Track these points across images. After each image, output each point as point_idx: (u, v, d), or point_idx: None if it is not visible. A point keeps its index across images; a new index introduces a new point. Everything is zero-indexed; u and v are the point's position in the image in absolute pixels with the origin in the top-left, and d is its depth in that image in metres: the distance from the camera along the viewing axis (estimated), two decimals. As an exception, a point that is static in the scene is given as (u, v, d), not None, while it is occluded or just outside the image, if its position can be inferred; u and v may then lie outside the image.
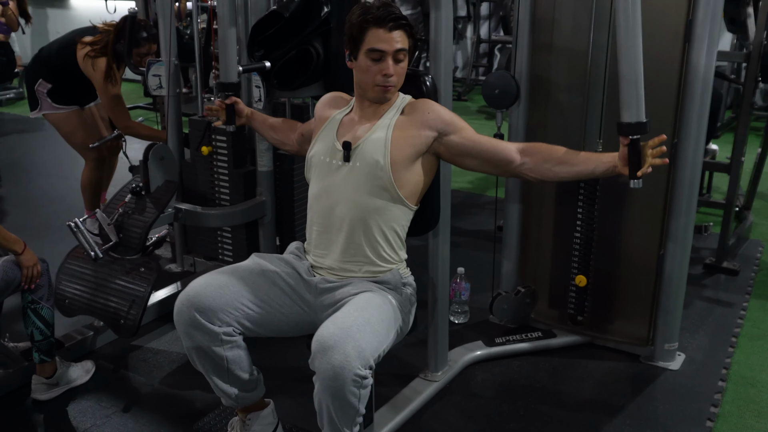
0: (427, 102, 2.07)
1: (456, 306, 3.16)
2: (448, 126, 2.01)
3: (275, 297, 2.00)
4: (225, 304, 1.93)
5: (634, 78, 1.78)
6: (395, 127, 2.00)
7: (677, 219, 2.62)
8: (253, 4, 2.94)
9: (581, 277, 2.86)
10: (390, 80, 1.98)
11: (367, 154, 1.98)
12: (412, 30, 1.99)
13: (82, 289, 2.89)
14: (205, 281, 1.95)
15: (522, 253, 3.05)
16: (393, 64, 1.96)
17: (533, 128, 2.86)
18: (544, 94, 2.80)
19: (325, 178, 2.04)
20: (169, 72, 3.29)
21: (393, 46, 1.94)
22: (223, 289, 1.94)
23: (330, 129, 2.09)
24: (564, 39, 2.69)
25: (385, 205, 1.99)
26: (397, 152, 1.98)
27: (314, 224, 2.07)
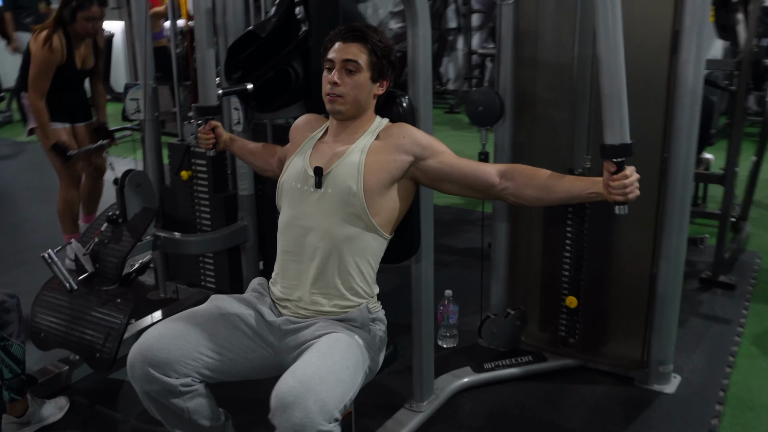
0: (403, 126, 1.99)
1: (444, 330, 3.07)
2: (424, 150, 1.93)
3: (237, 342, 1.89)
4: (181, 355, 1.81)
5: (617, 95, 1.68)
6: (369, 152, 1.92)
7: (669, 237, 2.53)
8: (229, 24, 2.86)
9: (572, 298, 2.77)
10: (336, 89, 1.91)
11: (339, 179, 1.89)
12: (378, 47, 1.92)
13: (58, 322, 2.79)
14: (159, 332, 1.84)
15: (511, 274, 2.96)
16: (343, 74, 1.91)
17: (520, 145, 2.78)
18: (530, 109, 2.72)
19: (295, 206, 1.95)
20: (146, 95, 3.21)
21: (342, 55, 1.91)
22: (179, 339, 1.82)
23: (302, 153, 2.01)
24: (548, 53, 2.62)
25: (358, 234, 1.89)
26: (371, 178, 1.89)
27: (284, 253, 1.98)
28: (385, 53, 1.94)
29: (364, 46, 1.92)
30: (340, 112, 1.95)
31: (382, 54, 1.93)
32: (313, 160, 1.96)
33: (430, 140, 1.96)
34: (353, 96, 1.93)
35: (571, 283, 2.77)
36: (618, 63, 1.66)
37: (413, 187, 1.99)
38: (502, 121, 2.73)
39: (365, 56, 1.92)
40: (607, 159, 1.71)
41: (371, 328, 1.92)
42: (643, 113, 2.45)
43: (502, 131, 2.77)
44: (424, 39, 2.14)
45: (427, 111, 2.21)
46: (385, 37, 1.96)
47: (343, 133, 1.98)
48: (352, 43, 1.92)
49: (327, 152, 1.96)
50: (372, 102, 1.99)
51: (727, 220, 3.63)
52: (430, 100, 2.23)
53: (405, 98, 2.05)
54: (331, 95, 1.93)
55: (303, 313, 1.92)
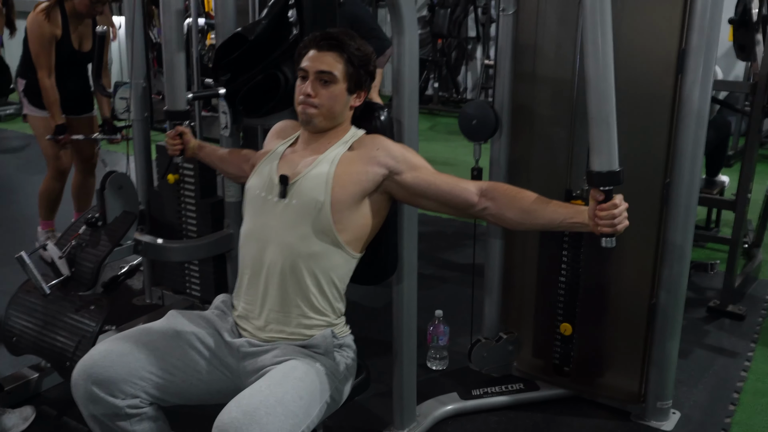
0: (378, 137, 1.87)
1: (433, 351, 2.93)
2: (399, 164, 1.81)
3: (191, 362, 1.77)
4: (128, 373, 1.69)
5: (605, 119, 1.55)
6: (340, 163, 1.80)
7: (670, 266, 2.38)
8: (219, 25, 2.75)
9: (566, 324, 2.62)
10: (309, 101, 1.80)
11: (305, 190, 1.77)
12: (355, 56, 1.81)
13: (31, 326, 2.70)
14: (106, 348, 1.72)
15: (505, 296, 2.82)
16: (317, 85, 1.80)
17: (516, 162, 2.64)
18: (528, 125, 2.58)
19: (258, 215, 1.84)
20: (135, 94, 3.11)
21: (316, 65, 1.80)
22: (126, 357, 1.70)
23: (270, 160, 1.90)
24: (547, 67, 2.48)
25: (323, 251, 1.77)
26: (340, 190, 1.77)
27: (244, 268, 1.87)
28: (363, 63, 1.82)
29: (340, 55, 1.80)
30: (313, 125, 1.84)
31: (359, 63, 1.81)
32: (281, 167, 1.85)
33: (406, 153, 1.84)
34: (327, 108, 1.82)
35: (567, 309, 2.63)
36: (607, 83, 1.52)
37: (387, 202, 1.87)
38: (498, 136, 2.60)
39: (341, 66, 1.80)
40: (594, 187, 1.57)
41: (336, 356, 1.79)
42: (645, 135, 2.31)
43: (498, 146, 2.64)
44: (410, 47, 2.02)
45: (411, 123, 2.08)
46: (364, 45, 1.84)
47: (314, 142, 1.87)
48: (327, 52, 1.81)
49: (296, 161, 1.85)
50: (348, 113, 1.88)
51: (738, 246, 3.46)
52: (416, 112, 2.10)
53: (383, 111, 1.92)
54: (303, 107, 1.81)
55: (263, 336, 1.81)
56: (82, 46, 3.71)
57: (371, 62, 1.84)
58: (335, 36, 1.81)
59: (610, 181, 1.56)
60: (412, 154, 1.84)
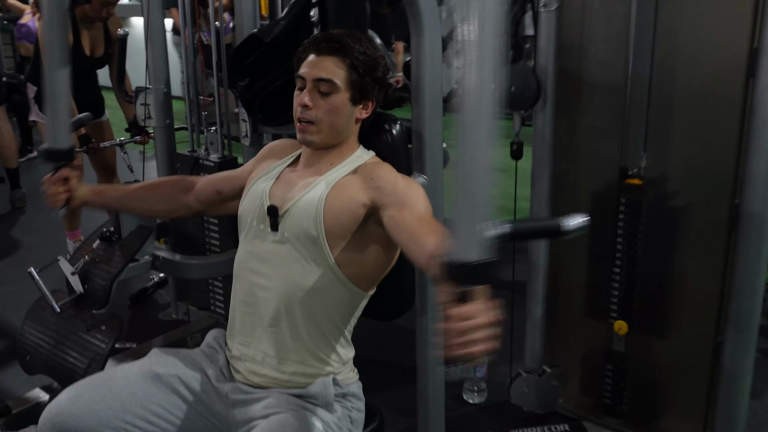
0: (382, 165, 1.61)
1: (470, 383, 2.66)
2: (385, 197, 1.52)
3: (174, 409, 1.56)
4: (98, 423, 1.49)
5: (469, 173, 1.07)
6: (335, 187, 1.56)
7: (739, 300, 2.05)
8: (238, 25, 2.55)
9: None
10: (307, 113, 1.56)
11: (296, 220, 1.54)
12: (359, 61, 1.56)
13: (44, 344, 2.57)
14: (74, 394, 1.53)
15: (549, 325, 2.52)
16: (316, 95, 1.56)
17: (562, 136, 2.33)
18: (575, 93, 2.28)
19: (251, 245, 1.62)
20: (157, 100, 2.95)
21: (314, 72, 1.56)
22: (97, 404, 1.51)
23: (262, 183, 1.66)
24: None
25: (323, 287, 1.53)
26: (332, 219, 1.53)
27: (237, 302, 1.64)
28: (369, 68, 1.57)
29: (342, 60, 1.56)
30: (312, 143, 1.60)
31: (365, 70, 1.57)
32: (273, 192, 1.61)
33: (401, 188, 1.53)
34: (328, 122, 1.57)
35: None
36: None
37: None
38: (542, 106, 2.30)
39: (343, 73, 1.56)
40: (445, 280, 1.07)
41: (337, 407, 1.55)
42: (709, 149, 2.00)
43: (542, 118, 2.32)
44: (430, 50, 1.76)
45: (434, 137, 1.82)
46: (371, 47, 1.60)
47: (316, 162, 1.63)
48: (327, 57, 1.56)
49: (292, 183, 1.62)
50: (353, 128, 1.63)
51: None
52: (439, 124, 1.84)
53: (396, 123, 1.66)
54: (302, 121, 1.58)
55: (256, 381, 1.58)
56: (95, 52, 3.62)
57: (379, 67, 1.60)
58: (337, 38, 1.57)
59: (467, 276, 1.03)
60: (411, 190, 1.54)
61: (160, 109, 2.94)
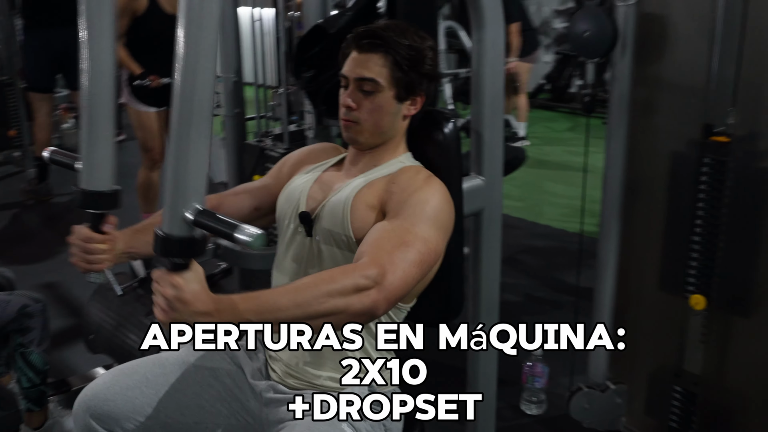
0: (409, 171, 1.50)
1: (528, 393, 2.56)
2: (393, 204, 1.42)
3: (208, 404, 1.54)
4: (132, 410, 1.49)
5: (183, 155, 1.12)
6: (367, 187, 1.48)
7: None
8: (305, 15, 2.51)
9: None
10: (351, 115, 1.49)
11: (326, 223, 1.48)
12: (403, 57, 1.47)
13: (106, 325, 2.63)
14: (110, 379, 1.53)
15: (615, 339, 2.38)
16: (359, 95, 1.49)
17: (637, 90, 2.14)
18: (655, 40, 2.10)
19: (289, 247, 1.56)
20: (227, 90, 2.95)
21: (356, 70, 1.49)
22: (132, 391, 1.50)
23: (300, 184, 1.59)
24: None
25: None
26: (360, 222, 1.44)
27: None
28: (415, 63, 1.49)
29: (384, 56, 1.47)
30: (357, 141, 1.54)
31: (409, 65, 1.48)
32: (313, 191, 1.55)
33: (412, 198, 1.41)
34: (372, 122, 1.50)
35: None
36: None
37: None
38: (621, 54, 2.10)
39: (386, 71, 1.48)
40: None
41: (371, 417, 1.48)
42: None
43: (620, 69, 2.12)
44: (493, 44, 1.67)
45: (493, 138, 1.73)
46: (418, 38, 1.50)
47: (359, 162, 1.57)
48: (369, 54, 1.48)
49: (331, 182, 1.56)
50: (400, 125, 1.55)
51: None
52: (500, 124, 1.75)
53: (449, 121, 1.57)
54: (346, 121, 1.51)
55: (291, 383, 1.53)
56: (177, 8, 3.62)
57: (426, 60, 1.50)
58: (378, 33, 1.49)
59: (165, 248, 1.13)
60: (420, 202, 1.41)
61: (229, 98, 2.95)
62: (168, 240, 1.11)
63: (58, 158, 1.47)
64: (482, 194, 1.75)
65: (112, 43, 1.36)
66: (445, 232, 1.42)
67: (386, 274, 1.25)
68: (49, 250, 4.00)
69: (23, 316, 2.20)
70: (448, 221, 1.44)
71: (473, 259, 1.83)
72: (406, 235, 1.34)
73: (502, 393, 2.60)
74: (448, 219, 1.44)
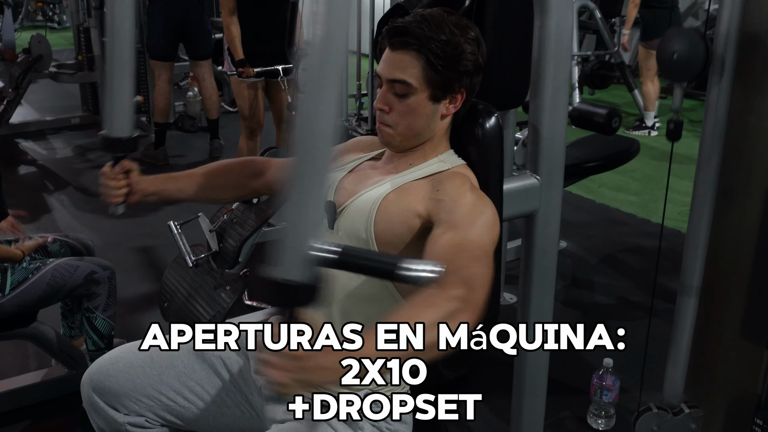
0: (457, 178, 1.40)
1: (595, 407, 2.40)
2: (442, 213, 1.33)
3: (212, 389, 1.52)
4: (132, 388, 1.49)
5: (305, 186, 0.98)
6: (400, 189, 1.40)
7: None
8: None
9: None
10: (383, 117, 1.41)
11: (350, 221, 1.41)
12: (437, 56, 1.36)
13: (179, 295, 2.71)
14: (117, 355, 1.54)
15: (694, 356, 2.18)
16: (391, 97, 1.40)
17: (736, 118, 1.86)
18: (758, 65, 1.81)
19: None
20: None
21: (388, 71, 1.39)
22: (135, 369, 1.50)
23: (340, 171, 1.53)
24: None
25: (376, 298, 1.40)
26: (384, 223, 1.37)
27: None
28: (451, 60, 1.37)
29: (417, 55, 1.37)
30: (390, 145, 1.47)
31: (444, 64, 1.37)
32: (345, 182, 1.49)
33: (462, 208, 1.32)
34: (405, 125, 1.42)
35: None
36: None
37: None
38: (717, 79, 1.86)
39: (418, 72, 1.37)
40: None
41: (366, 426, 1.42)
42: None
43: (715, 94, 1.88)
44: (557, 34, 1.53)
45: (554, 135, 1.59)
46: (456, 31, 1.38)
47: (396, 160, 1.49)
48: (400, 52, 1.38)
49: (366, 177, 1.49)
50: (439, 125, 1.45)
51: None
52: (563, 119, 1.61)
53: (491, 116, 1.45)
54: (380, 124, 1.44)
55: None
56: None
57: (464, 56, 1.38)
58: (410, 29, 1.37)
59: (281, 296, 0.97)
60: (474, 212, 1.32)
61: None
62: (289, 287, 0.97)
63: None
64: (537, 195, 1.63)
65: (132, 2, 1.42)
66: (494, 248, 1.33)
67: (474, 291, 1.16)
68: (154, 215, 4.15)
69: (90, 282, 2.29)
70: (497, 237, 1.35)
71: (524, 263, 1.71)
72: (476, 250, 1.25)
73: (570, 402, 2.48)
74: (497, 235, 1.35)
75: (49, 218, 4.22)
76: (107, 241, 3.73)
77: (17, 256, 2.17)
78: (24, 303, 2.21)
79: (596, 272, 3.63)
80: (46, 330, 2.37)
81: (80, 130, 6.10)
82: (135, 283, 3.35)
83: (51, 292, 2.22)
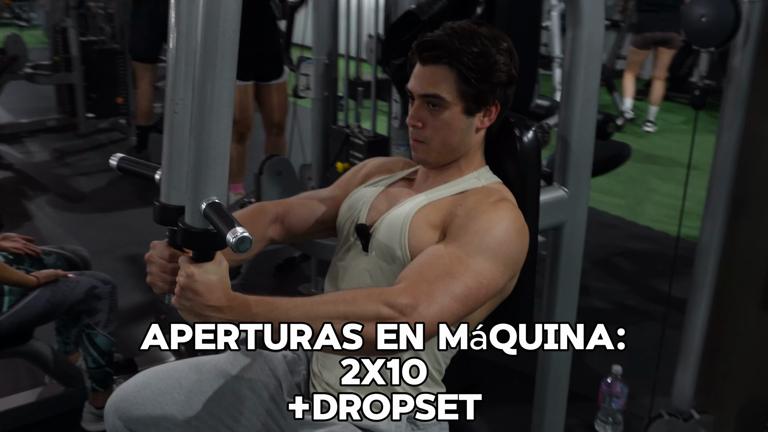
0: (481, 193, 1.37)
1: (603, 414, 2.41)
2: (453, 227, 1.31)
3: (242, 416, 1.47)
4: (162, 417, 1.43)
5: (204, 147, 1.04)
6: (431, 205, 1.37)
7: None
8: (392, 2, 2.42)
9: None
10: (417, 133, 1.38)
11: (382, 240, 1.38)
12: (470, 69, 1.33)
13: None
14: (142, 381, 1.46)
15: (705, 363, 2.20)
16: (424, 112, 1.36)
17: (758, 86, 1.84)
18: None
19: (343, 257, 1.48)
20: (317, 72, 2.90)
21: (420, 86, 1.36)
22: (164, 396, 1.44)
23: (365, 194, 1.49)
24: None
25: None
26: (417, 240, 1.34)
27: None
28: (484, 73, 1.34)
29: (449, 69, 1.34)
30: (425, 161, 1.43)
31: (478, 78, 1.34)
32: (377, 202, 1.46)
33: (476, 221, 1.29)
34: (440, 140, 1.38)
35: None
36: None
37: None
38: (742, 43, 1.82)
39: (451, 86, 1.34)
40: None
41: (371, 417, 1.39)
42: None
43: (739, 59, 1.84)
44: (589, 45, 1.53)
45: (583, 146, 1.59)
46: (488, 42, 1.34)
47: (432, 177, 1.46)
48: (432, 67, 1.35)
49: (397, 196, 1.45)
50: (473, 138, 1.42)
51: None
52: (591, 131, 1.61)
53: (529, 130, 1.43)
54: (414, 141, 1.40)
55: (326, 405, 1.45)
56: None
57: (497, 67, 1.35)
58: (440, 43, 1.34)
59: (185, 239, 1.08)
60: (483, 227, 1.28)
61: (319, 81, 2.90)
62: (188, 232, 1.06)
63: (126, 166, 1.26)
64: (565, 207, 1.62)
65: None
66: (507, 266, 1.28)
67: (418, 306, 1.15)
68: (142, 219, 4.08)
69: (91, 297, 2.22)
70: (516, 253, 1.31)
71: (549, 274, 1.71)
72: (456, 265, 1.23)
73: (577, 409, 2.48)
74: (515, 251, 1.30)
75: (31, 226, 4.08)
76: (95, 249, 3.63)
77: (31, 283, 2.10)
78: (22, 321, 2.12)
79: (591, 276, 3.65)
80: (41, 347, 2.27)
81: (56, 133, 5.97)
82: (128, 294, 3.28)
83: (51, 309, 2.14)
